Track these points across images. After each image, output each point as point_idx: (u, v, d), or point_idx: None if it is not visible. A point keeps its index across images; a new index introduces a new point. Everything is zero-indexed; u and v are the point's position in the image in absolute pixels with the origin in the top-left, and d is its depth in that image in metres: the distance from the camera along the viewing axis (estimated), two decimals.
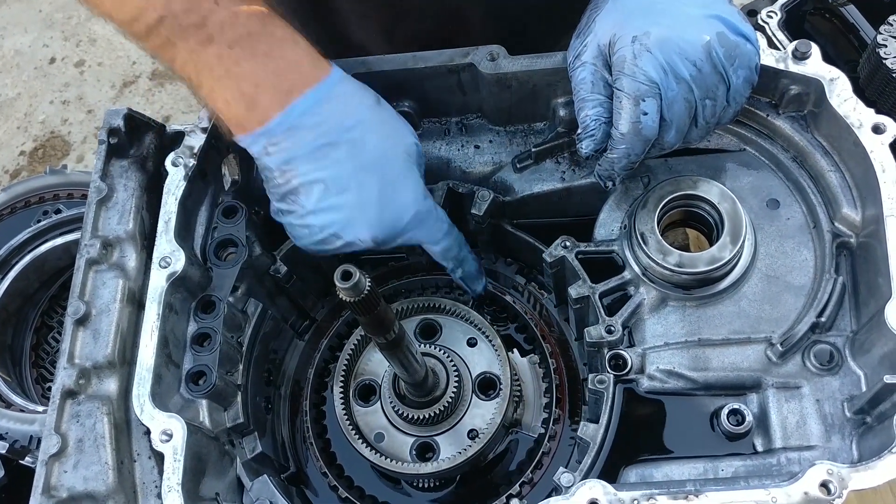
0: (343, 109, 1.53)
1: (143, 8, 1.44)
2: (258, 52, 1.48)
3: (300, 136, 1.50)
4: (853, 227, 1.55)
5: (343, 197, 1.54)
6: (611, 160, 1.54)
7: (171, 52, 1.48)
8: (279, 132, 1.50)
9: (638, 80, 1.45)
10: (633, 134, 1.48)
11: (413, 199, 1.59)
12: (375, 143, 1.55)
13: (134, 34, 1.49)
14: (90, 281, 1.58)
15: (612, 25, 1.50)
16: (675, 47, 1.44)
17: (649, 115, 1.47)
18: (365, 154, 1.54)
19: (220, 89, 1.49)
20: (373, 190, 1.55)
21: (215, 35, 1.46)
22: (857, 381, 1.48)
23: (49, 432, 1.45)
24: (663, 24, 1.45)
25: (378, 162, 1.55)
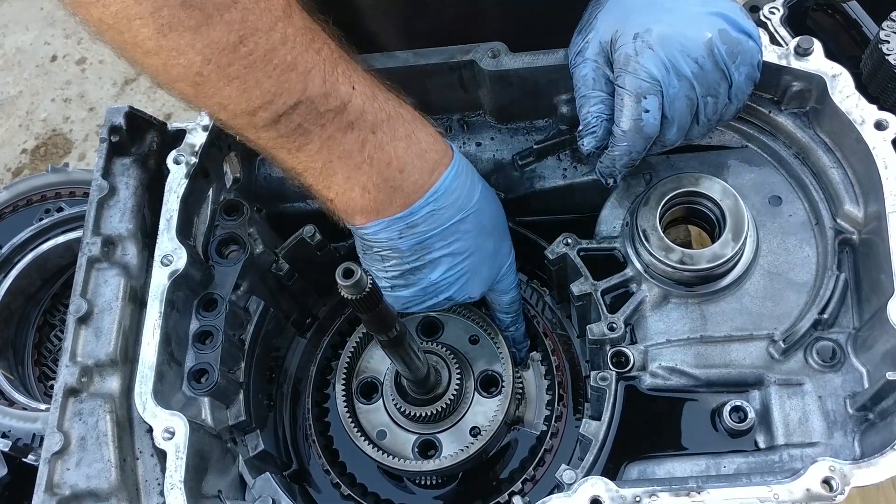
0: (469, 182, 1.52)
1: (277, 93, 1.29)
2: (399, 136, 1.42)
3: (440, 215, 1.47)
4: (855, 223, 1.55)
5: (465, 263, 1.55)
6: (612, 157, 1.54)
7: (299, 141, 1.36)
8: (421, 214, 1.46)
9: (639, 77, 1.44)
10: (634, 131, 1.48)
11: (509, 251, 1.66)
12: (489, 208, 1.57)
13: (254, 123, 1.33)
14: (92, 279, 1.59)
15: (613, 22, 1.50)
16: (676, 44, 1.43)
17: (651, 113, 1.46)
18: (485, 222, 1.55)
19: (359, 177, 1.40)
20: (488, 250, 1.58)
21: (356, 120, 1.37)
22: (859, 377, 1.48)
23: (52, 430, 1.46)
24: (665, 21, 1.45)
25: (492, 224, 1.58)
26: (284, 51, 1.28)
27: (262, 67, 1.27)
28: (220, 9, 1.22)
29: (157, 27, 1.22)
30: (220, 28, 1.23)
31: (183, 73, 1.27)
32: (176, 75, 1.27)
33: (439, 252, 1.51)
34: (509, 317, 1.74)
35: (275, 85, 1.29)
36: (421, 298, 1.58)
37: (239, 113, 1.32)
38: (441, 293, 1.57)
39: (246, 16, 1.24)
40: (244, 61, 1.26)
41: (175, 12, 1.20)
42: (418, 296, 1.57)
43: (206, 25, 1.22)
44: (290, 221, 1.80)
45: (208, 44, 1.23)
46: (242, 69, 1.26)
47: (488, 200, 1.58)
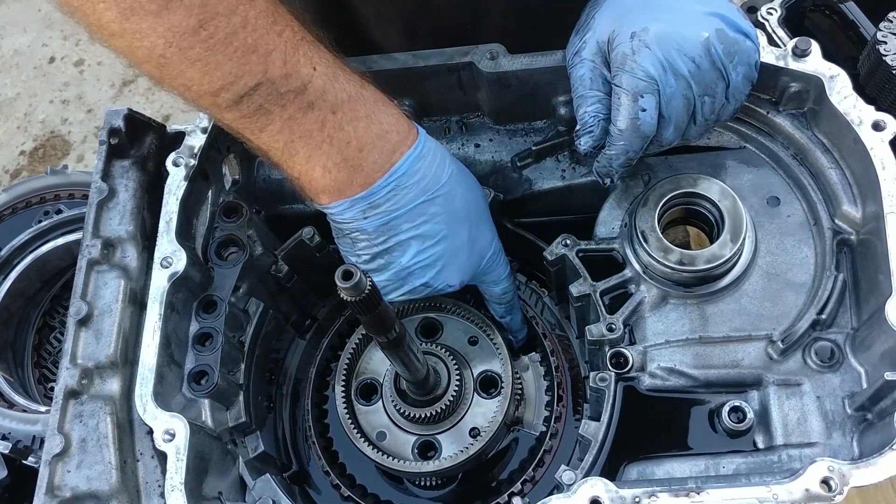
0: (436, 164, 1.52)
1: (238, 75, 1.32)
2: (360, 116, 1.43)
3: (402, 196, 1.48)
4: (853, 224, 1.55)
5: (437, 248, 1.54)
6: (609, 157, 1.54)
7: (261, 121, 1.39)
8: (382, 193, 1.47)
9: (636, 76, 1.45)
10: (631, 130, 1.48)
11: (490, 240, 1.64)
12: (462, 192, 1.56)
13: (217, 104, 1.37)
14: (92, 281, 1.59)
15: (610, 22, 1.50)
16: (673, 44, 1.44)
17: (647, 112, 1.47)
18: (456, 204, 1.55)
19: (319, 156, 1.43)
20: (463, 237, 1.57)
21: (316, 101, 1.39)
22: (857, 378, 1.49)
23: (52, 432, 1.46)
24: (662, 20, 1.46)
25: (466, 210, 1.57)
26: (245, 34, 1.31)
27: (223, 50, 1.30)
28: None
29: (119, 10, 1.26)
30: (181, 12, 1.26)
31: (147, 56, 1.31)
32: (141, 57, 1.32)
33: (406, 234, 1.51)
34: (502, 307, 1.75)
35: (235, 67, 1.32)
36: (395, 284, 1.58)
37: (202, 94, 1.35)
38: (415, 278, 1.57)
39: (206, 0, 1.27)
40: (205, 44, 1.29)
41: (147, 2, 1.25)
42: (392, 281, 1.57)
43: (166, 10, 1.26)
44: (289, 223, 1.80)
45: (169, 27, 1.27)
46: (203, 52, 1.29)
47: (462, 185, 1.57)
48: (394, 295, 1.61)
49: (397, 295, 1.61)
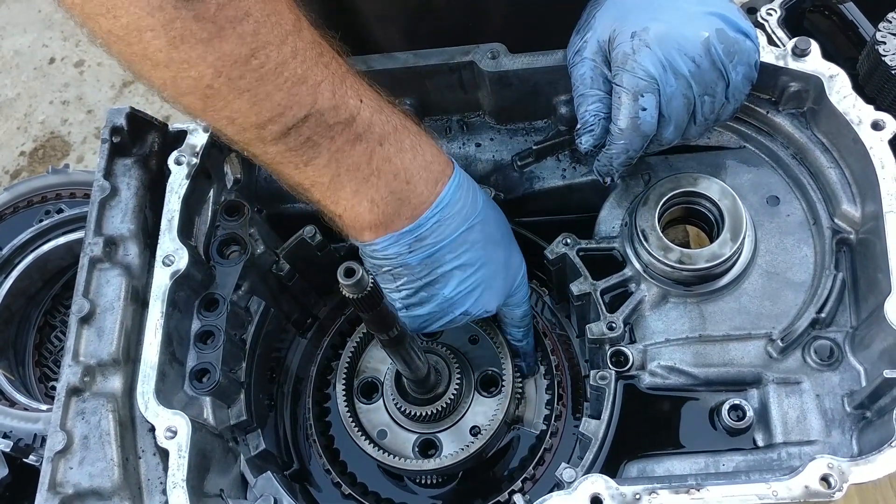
0: (472, 192, 1.52)
1: (287, 106, 1.28)
2: (405, 147, 1.41)
3: (446, 226, 1.47)
4: (853, 223, 1.56)
5: (477, 275, 1.53)
6: (609, 156, 1.55)
7: (308, 154, 1.34)
8: (428, 226, 1.45)
9: (637, 75, 1.46)
10: (631, 129, 1.49)
11: (520, 261, 1.65)
12: (494, 216, 1.57)
13: (263, 137, 1.32)
14: (94, 279, 1.59)
15: (611, 22, 1.51)
16: (673, 43, 1.45)
17: (648, 111, 1.47)
18: (490, 229, 1.54)
19: (367, 189, 1.39)
20: (500, 261, 1.57)
21: (364, 133, 1.35)
22: (856, 376, 1.49)
23: (55, 429, 1.46)
24: (662, 20, 1.46)
25: (499, 233, 1.58)
26: (295, 64, 1.27)
27: (273, 80, 1.26)
28: (232, 22, 1.20)
29: (168, 39, 1.19)
30: (233, 40, 1.22)
31: (193, 86, 1.25)
32: (185, 88, 1.26)
33: (450, 265, 1.50)
34: (521, 330, 1.72)
35: (285, 98, 1.28)
36: (437, 315, 1.56)
37: (248, 126, 1.31)
38: (456, 308, 1.55)
39: (258, 28, 1.23)
40: (255, 74, 1.25)
41: (188, 24, 1.19)
42: (435, 313, 1.55)
43: (218, 38, 1.21)
44: (291, 222, 1.81)
45: (220, 56, 1.22)
46: (254, 82, 1.25)
47: (493, 210, 1.58)
48: (434, 326, 1.59)
49: (437, 326, 1.59)
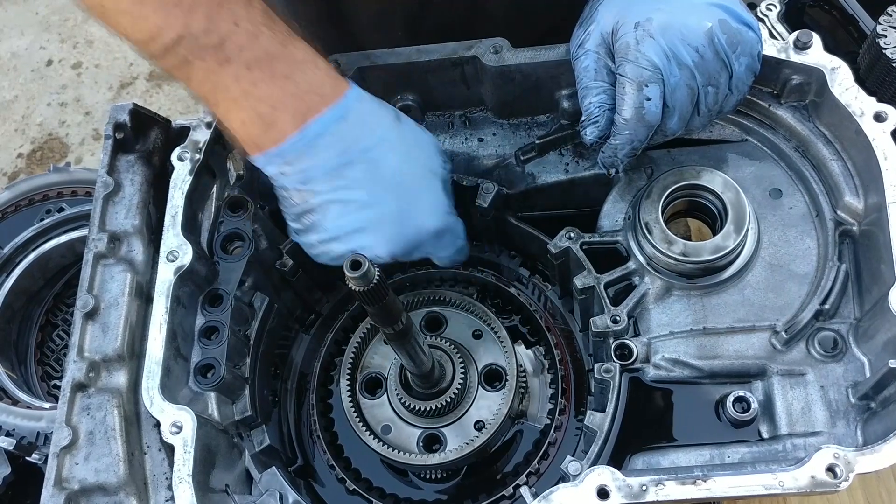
0: (360, 129, 1.52)
1: (161, 27, 1.41)
2: (277, 74, 1.46)
3: (317, 156, 1.49)
4: (855, 215, 1.56)
5: (360, 216, 1.53)
6: (614, 146, 1.55)
7: (186, 72, 1.46)
8: (294, 152, 1.48)
9: (641, 65, 1.46)
10: (636, 119, 1.49)
11: (432, 215, 1.59)
12: (394, 161, 1.54)
13: (150, 53, 1.46)
14: (98, 275, 1.59)
15: (614, 13, 1.51)
16: (677, 33, 1.45)
17: (652, 101, 1.48)
18: (383, 172, 1.53)
19: (237, 110, 1.48)
20: (391, 208, 1.54)
21: (233, 56, 1.43)
22: (860, 367, 1.50)
23: (60, 425, 1.46)
24: (665, 10, 1.47)
25: (396, 180, 1.54)
26: None
27: (150, 4, 1.40)
28: None
29: None
30: None
31: (90, 3, 1.45)
32: (88, 4, 1.45)
33: (324, 196, 1.52)
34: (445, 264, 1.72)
35: (160, 20, 1.41)
36: (323, 248, 1.58)
37: (136, 42, 1.46)
38: (341, 244, 1.55)
39: None
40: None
41: None
42: (323, 243, 1.58)
43: None
44: None
45: None
46: (131, 4, 1.41)
47: (398, 155, 1.55)
48: (324, 259, 1.61)
49: (327, 259, 1.60)
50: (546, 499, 1.35)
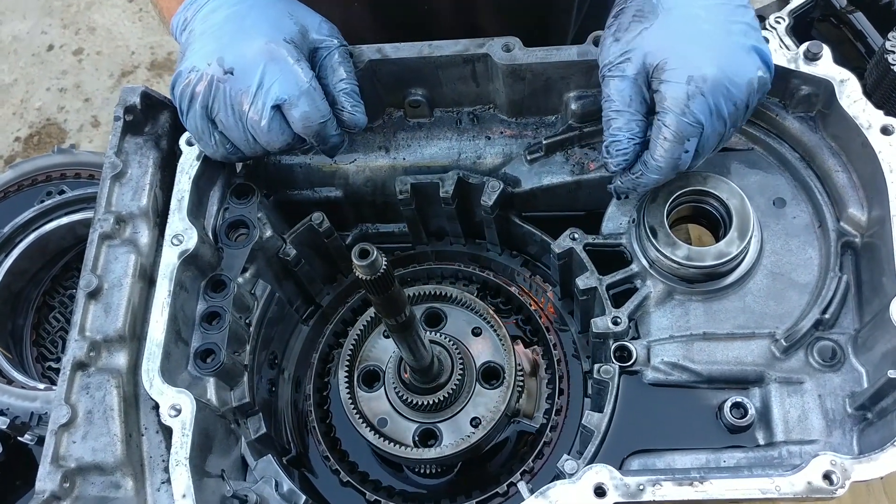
0: None
1: None
2: None
3: None
4: (859, 227, 1.57)
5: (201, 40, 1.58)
6: (637, 182, 1.54)
7: None
8: None
9: (687, 120, 1.45)
10: (669, 168, 1.50)
11: (263, 34, 1.55)
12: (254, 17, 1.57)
13: None
14: (103, 255, 1.59)
15: (661, 47, 1.48)
16: (723, 90, 1.45)
17: (689, 153, 1.49)
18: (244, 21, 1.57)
19: None
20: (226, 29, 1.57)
21: None
22: (858, 377, 1.51)
23: (59, 402, 1.46)
24: (716, 63, 1.45)
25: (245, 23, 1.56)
26: None
27: None
28: None
29: None
30: None
31: None
32: None
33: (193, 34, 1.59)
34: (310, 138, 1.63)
35: None
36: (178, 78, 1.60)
37: None
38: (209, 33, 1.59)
39: None
40: None
41: None
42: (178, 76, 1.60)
43: None
44: (298, 209, 1.81)
45: None
46: None
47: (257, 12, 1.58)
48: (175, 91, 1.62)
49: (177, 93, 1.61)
50: (543, 495, 1.35)
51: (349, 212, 1.86)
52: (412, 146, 1.79)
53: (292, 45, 1.55)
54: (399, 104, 1.79)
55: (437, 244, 1.96)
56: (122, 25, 5.28)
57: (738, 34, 1.49)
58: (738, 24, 1.49)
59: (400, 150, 1.79)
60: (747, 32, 1.50)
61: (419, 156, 1.79)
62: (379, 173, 1.80)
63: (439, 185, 1.73)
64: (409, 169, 1.78)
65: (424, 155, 1.79)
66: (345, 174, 1.80)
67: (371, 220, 1.93)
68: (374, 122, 1.80)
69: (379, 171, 1.80)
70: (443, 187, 1.73)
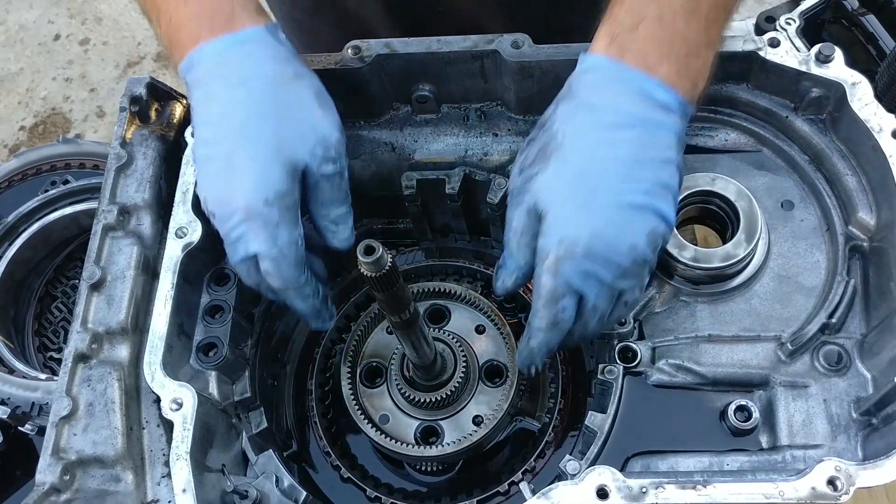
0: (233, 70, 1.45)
1: None
2: None
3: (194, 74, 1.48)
4: (867, 231, 1.56)
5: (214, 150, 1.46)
6: (531, 349, 1.46)
7: None
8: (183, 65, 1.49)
9: (558, 283, 1.36)
10: (549, 329, 1.40)
11: (244, 189, 1.41)
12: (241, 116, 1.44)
13: None
14: (106, 246, 1.58)
15: (546, 199, 1.39)
16: (597, 257, 1.35)
17: (567, 312, 1.39)
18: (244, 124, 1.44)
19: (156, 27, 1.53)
20: (213, 166, 1.46)
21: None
22: (864, 383, 1.50)
23: (60, 394, 1.45)
24: (589, 228, 1.34)
25: (233, 162, 1.43)
26: None
27: None
28: None
29: None
30: None
31: None
32: None
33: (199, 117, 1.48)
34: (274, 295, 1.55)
35: None
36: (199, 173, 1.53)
37: None
38: (200, 173, 1.50)
39: None
40: None
41: None
42: None
43: None
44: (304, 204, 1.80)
45: None
46: None
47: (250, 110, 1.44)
48: None
49: None
50: (545, 496, 1.35)
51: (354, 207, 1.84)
52: (419, 142, 1.78)
53: (274, 207, 1.41)
54: (406, 99, 1.78)
55: (443, 241, 1.95)
56: (129, 16, 5.27)
57: (635, 193, 1.35)
58: (640, 182, 1.36)
59: (406, 145, 1.78)
60: (650, 191, 1.36)
61: (425, 151, 1.78)
62: (385, 168, 1.79)
63: (445, 182, 1.72)
64: (416, 165, 1.77)
65: (431, 151, 1.78)
66: (351, 169, 1.79)
67: (376, 216, 1.92)
68: (380, 117, 1.79)
69: (385, 166, 1.79)
70: (449, 184, 1.72)
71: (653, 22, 1.35)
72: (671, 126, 1.38)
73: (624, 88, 1.37)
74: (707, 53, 1.41)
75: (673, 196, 1.39)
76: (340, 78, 1.67)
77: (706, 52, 1.41)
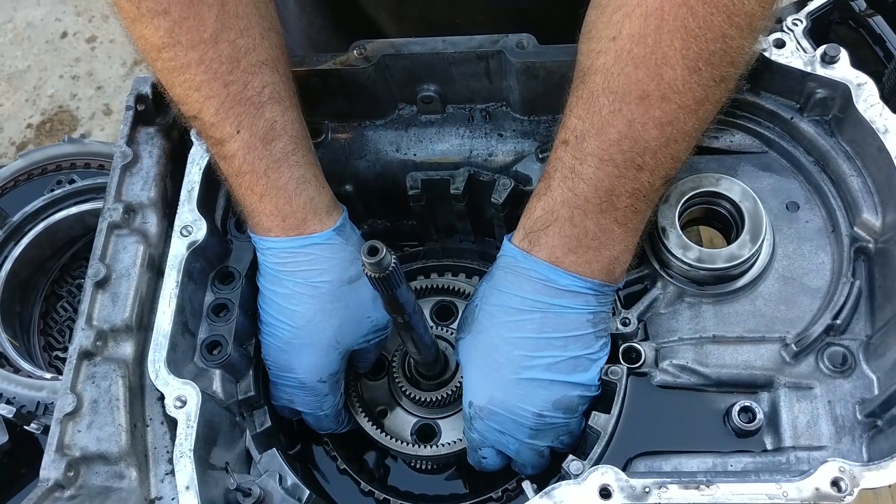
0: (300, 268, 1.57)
1: (181, 102, 1.52)
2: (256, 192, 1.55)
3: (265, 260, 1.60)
4: (872, 232, 1.56)
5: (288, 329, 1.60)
6: (478, 460, 1.63)
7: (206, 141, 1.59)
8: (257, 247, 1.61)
9: (473, 434, 1.55)
10: (478, 467, 1.63)
11: (307, 368, 1.61)
12: (308, 311, 1.58)
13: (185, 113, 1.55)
14: (111, 245, 1.59)
15: (462, 362, 1.55)
16: (508, 422, 1.50)
17: (489, 459, 1.58)
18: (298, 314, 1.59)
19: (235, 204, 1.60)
20: (284, 335, 1.60)
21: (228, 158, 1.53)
22: (869, 384, 1.49)
23: (65, 391, 1.46)
24: (488, 397, 1.50)
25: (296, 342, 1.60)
26: (196, 71, 1.45)
27: (175, 76, 1.47)
28: (151, 12, 1.40)
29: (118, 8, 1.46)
30: (149, 29, 1.42)
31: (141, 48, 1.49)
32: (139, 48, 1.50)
33: (267, 291, 1.61)
34: None
35: (181, 95, 1.49)
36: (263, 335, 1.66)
37: (173, 101, 1.54)
38: (265, 336, 1.63)
39: (173, 27, 1.41)
40: (164, 65, 1.46)
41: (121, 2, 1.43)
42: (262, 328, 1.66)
43: (138, 21, 1.43)
44: None
45: (139, 37, 1.46)
46: (163, 70, 1.48)
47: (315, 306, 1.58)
48: None
49: None
50: (548, 495, 1.35)
51: (359, 207, 1.85)
52: (423, 142, 1.78)
53: (326, 384, 1.63)
54: (411, 100, 1.78)
55: (447, 241, 1.95)
56: None
57: (534, 370, 1.47)
58: (542, 359, 1.48)
59: (411, 145, 1.78)
60: (553, 367, 1.48)
61: (430, 152, 1.78)
62: (390, 169, 1.79)
63: (450, 182, 1.72)
64: (420, 165, 1.77)
65: (436, 151, 1.78)
66: (356, 170, 1.80)
67: (381, 216, 1.92)
68: (385, 117, 1.80)
69: (390, 166, 1.79)
70: (453, 184, 1.72)
71: (563, 223, 1.45)
72: (580, 307, 1.48)
73: (530, 277, 1.47)
74: (626, 240, 1.49)
75: (591, 362, 1.51)
76: (345, 78, 1.67)
77: (624, 240, 1.48)
